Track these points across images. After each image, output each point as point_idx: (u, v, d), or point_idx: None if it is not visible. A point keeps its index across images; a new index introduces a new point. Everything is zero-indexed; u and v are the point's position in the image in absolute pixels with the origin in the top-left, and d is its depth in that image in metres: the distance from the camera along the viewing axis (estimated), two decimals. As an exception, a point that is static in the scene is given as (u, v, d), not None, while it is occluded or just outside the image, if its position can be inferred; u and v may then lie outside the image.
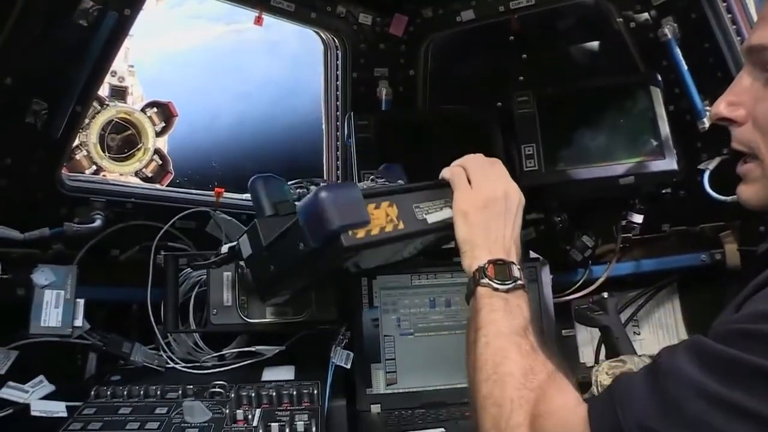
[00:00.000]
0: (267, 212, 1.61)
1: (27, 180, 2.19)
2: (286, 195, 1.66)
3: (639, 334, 2.87)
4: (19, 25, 1.93)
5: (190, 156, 5.04)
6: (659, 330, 2.88)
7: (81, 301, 2.15)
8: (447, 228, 1.63)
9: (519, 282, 1.51)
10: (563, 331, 2.79)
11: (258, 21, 2.46)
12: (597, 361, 2.69)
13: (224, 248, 1.79)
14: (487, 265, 1.51)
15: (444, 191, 1.68)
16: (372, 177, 1.97)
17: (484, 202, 1.59)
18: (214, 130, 6.04)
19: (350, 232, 1.39)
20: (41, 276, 2.09)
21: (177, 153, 4.66)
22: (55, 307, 2.09)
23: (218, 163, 5.55)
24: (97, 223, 2.27)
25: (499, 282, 1.49)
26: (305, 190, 1.72)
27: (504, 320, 1.44)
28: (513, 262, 1.54)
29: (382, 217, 1.47)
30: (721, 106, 1.37)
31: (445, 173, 1.70)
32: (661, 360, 1.11)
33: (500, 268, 1.51)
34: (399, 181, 1.95)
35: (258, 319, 2.04)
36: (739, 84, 1.34)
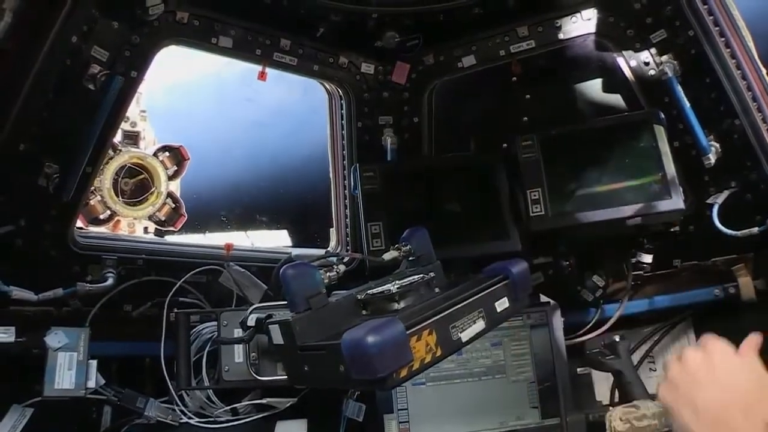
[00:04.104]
0: (300, 308, 1.60)
1: (41, 239, 2.24)
2: (318, 286, 1.65)
3: (655, 371, 2.84)
4: (32, 92, 2.00)
5: (202, 195, 5.07)
6: (675, 365, 2.84)
7: (94, 362, 2.17)
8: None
9: None
10: (578, 370, 2.77)
11: (261, 76, 2.51)
12: (612, 400, 2.66)
13: (250, 319, 1.81)
14: None
15: (478, 300, 1.68)
16: (397, 245, 1.98)
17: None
18: (226, 164, 6.05)
19: (393, 374, 1.40)
20: (54, 339, 2.12)
21: (190, 191, 4.69)
22: (68, 369, 2.12)
23: (232, 199, 5.55)
24: (109, 281, 2.31)
25: None
26: (335, 273, 1.74)
27: None
28: None
29: (423, 349, 1.47)
30: None
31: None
32: None
33: None
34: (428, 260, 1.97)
35: (270, 376, 2.05)
36: None
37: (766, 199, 2.43)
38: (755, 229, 2.39)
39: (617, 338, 2.36)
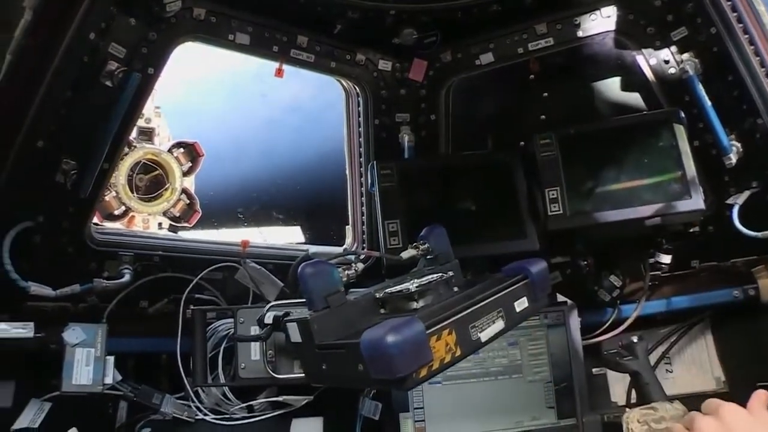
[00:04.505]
0: (319, 306, 1.59)
1: (58, 236, 2.25)
2: (336, 284, 1.64)
3: (671, 372, 2.81)
4: (51, 89, 2.00)
5: (218, 191, 5.07)
6: (692, 367, 2.82)
7: (111, 359, 2.18)
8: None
9: None
10: (593, 370, 2.75)
11: (278, 73, 2.50)
12: (629, 401, 2.64)
13: (268, 317, 1.81)
14: None
15: (498, 300, 1.66)
16: (415, 244, 1.97)
17: None
18: (241, 161, 6.05)
19: (413, 374, 1.38)
20: (72, 335, 2.13)
21: (206, 188, 4.69)
22: (86, 365, 2.13)
23: (248, 196, 5.54)
24: (126, 278, 2.32)
25: None
26: (353, 271, 1.74)
27: None
28: None
29: (442, 349, 1.45)
30: None
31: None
32: None
33: None
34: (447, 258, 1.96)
35: (286, 374, 2.04)
36: None
37: (788, 199, 2.40)
38: (777, 230, 2.35)
39: (635, 339, 2.34)
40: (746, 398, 1.45)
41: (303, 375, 2.08)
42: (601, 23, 2.57)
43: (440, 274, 1.86)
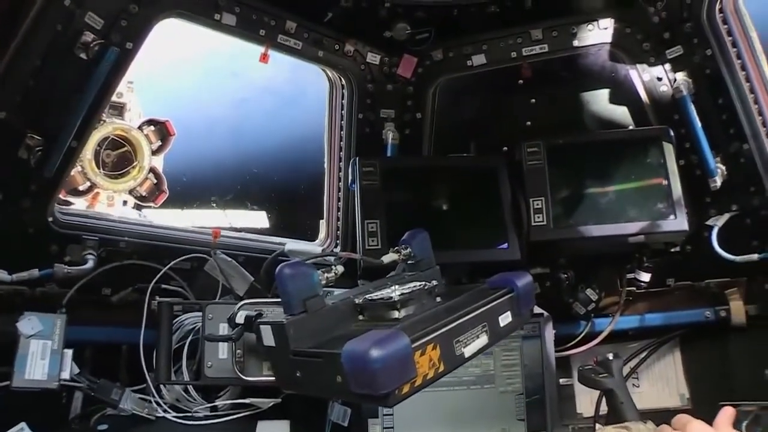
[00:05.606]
0: (296, 310, 1.51)
1: (19, 215, 2.11)
2: (315, 288, 1.56)
3: (638, 387, 2.82)
4: (18, 57, 1.87)
5: (187, 171, 4.93)
6: (659, 382, 2.83)
7: (69, 352, 2.04)
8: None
9: None
10: (561, 380, 2.73)
11: (263, 58, 2.39)
12: (597, 414, 2.63)
13: (239, 316, 1.72)
14: None
15: (483, 314, 1.59)
16: (397, 248, 1.89)
17: None
18: (211, 141, 5.92)
19: (396, 390, 1.31)
20: (27, 325, 1.98)
21: (174, 168, 4.55)
22: (41, 359, 1.98)
23: (219, 176, 5.41)
24: (89, 264, 2.19)
25: None
26: (333, 274, 1.65)
27: None
28: None
29: (426, 364, 1.38)
30: None
31: None
32: None
33: None
34: (430, 264, 1.90)
35: (255, 376, 1.95)
36: None
37: (764, 225, 2.41)
38: (755, 256, 2.36)
39: (610, 356, 2.30)
40: (708, 415, 1.45)
41: (273, 378, 2.00)
42: (597, 34, 2.55)
43: (423, 282, 1.78)
